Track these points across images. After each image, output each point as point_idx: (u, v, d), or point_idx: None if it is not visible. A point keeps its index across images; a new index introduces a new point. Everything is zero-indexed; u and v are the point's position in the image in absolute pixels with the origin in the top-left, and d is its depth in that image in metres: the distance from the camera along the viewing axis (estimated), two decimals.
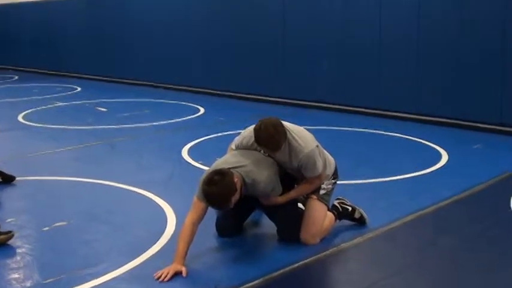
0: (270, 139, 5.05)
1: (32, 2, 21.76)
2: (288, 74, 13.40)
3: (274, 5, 13.47)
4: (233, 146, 5.55)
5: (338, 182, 5.77)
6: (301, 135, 5.26)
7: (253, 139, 5.25)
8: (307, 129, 5.51)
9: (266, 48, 13.76)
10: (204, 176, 4.99)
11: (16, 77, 20.45)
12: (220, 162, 5.22)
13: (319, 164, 5.25)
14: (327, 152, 5.63)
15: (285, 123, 5.27)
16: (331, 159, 5.63)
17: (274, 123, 5.11)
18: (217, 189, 4.77)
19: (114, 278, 4.71)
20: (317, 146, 5.30)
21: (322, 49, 12.65)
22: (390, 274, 4.85)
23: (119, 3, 17.96)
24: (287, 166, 5.29)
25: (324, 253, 5.21)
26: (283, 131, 5.11)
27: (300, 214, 5.44)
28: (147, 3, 16.94)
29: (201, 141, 9.71)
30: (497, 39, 10.11)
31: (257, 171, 5.08)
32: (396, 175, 7.55)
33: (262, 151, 5.30)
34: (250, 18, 14.10)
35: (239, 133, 5.55)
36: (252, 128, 5.26)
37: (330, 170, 5.55)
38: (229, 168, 5.01)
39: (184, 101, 14.12)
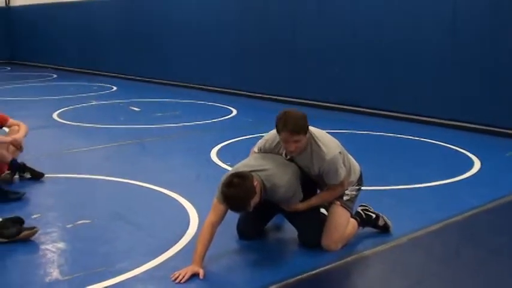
0: (294, 120, 4.99)
1: (72, 3, 21.99)
2: (320, 76, 13.33)
3: (309, 5, 13.41)
4: (256, 149, 5.52)
5: (363, 188, 5.71)
6: (324, 140, 5.21)
7: (276, 141, 5.23)
8: (336, 133, 5.46)
9: (300, 50, 13.71)
10: (223, 178, 4.98)
11: (55, 76, 20.68)
12: (241, 165, 5.20)
13: (342, 171, 5.19)
14: (352, 157, 5.58)
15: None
16: (356, 165, 5.57)
17: (300, 112, 5.10)
18: (236, 191, 4.76)
19: (131, 277, 4.72)
20: (340, 152, 5.24)
21: (356, 51, 12.57)
22: (411, 284, 4.80)
23: (156, 6, 18.05)
24: (309, 171, 5.25)
25: (345, 260, 5.16)
26: (307, 121, 5.05)
27: (322, 219, 5.40)
28: (183, 6, 17.00)
29: (231, 142, 9.70)
30: None
31: (278, 175, 5.05)
32: (424, 182, 7.45)
33: (284, 154, 5.26)
34: (283, 19, 14.05)
35: None
36: (274, 131, 5.22)
37: (355, 177, 5.49)
38: (250, 171, 4.99)
39: (217, 102, 14.13)
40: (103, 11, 20.27)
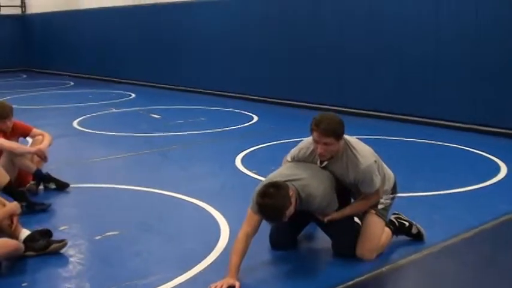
0: (328, 121, 4.96)
1: (89, 10, 22.01)
2: (341, 82, 13.26)
3: (330, 13, 13.35)
4: (289, 157, 5.43)
5: None
6: (359, 148, 5.13)
7: (310, 150, 5.16)
8: (361, 139, 5.38)
9: (322, 57, 13.63)
10: (258, 188, 4.89)
11: (72, 83, 20.69)
12: (275, 175, 5.11)
13: (377, 180, 5.11)
14: (386, 166, 5.49)
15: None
16: (390, 173, 5.48)
17: (337, 117, 5.07)
18: (271, 202, 4.67)
19: None
20: (375, 161, 5.15)
21: (377, 56, 12.48)
22: None
23: (175, 13, 18.02)
24: (344, 179, 5.16)
25: (380, 270, 5.07)
26: (342, 127, 5.00)
27: (357, 228, 5.31)
28: (202, 12, 16.97)
29: (255, 149, 9.62)
30: None
31: (313, 185, 4.97)
32: (453, 188, 7.35)
33: (318, 162, 5.18)
34: (306, 26, 13.98)
35: (293, 141, 5.45)
36: (310, 139, 5.15)
37: (389, 185, 5.40)
38: (285, 181, 4.90)
39: (238, 109, 14.06)
40: (120, 18, 20.27)
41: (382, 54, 12.43)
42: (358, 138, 5.37)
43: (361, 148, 5.16)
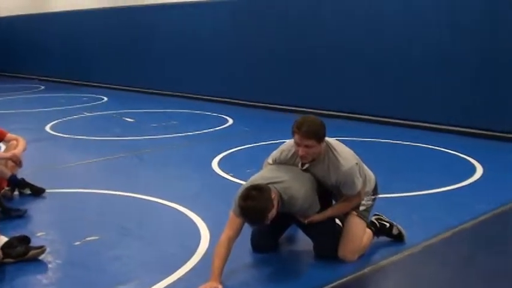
0: (310, 124, 4.95)
1: (59, 12, 21.80)
2: (315, 84, 13.27)
3: (304, 13, 13.37)
4: (270, 160, 5.41)
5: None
6: (341, 151, 5.13)
7: (292, 152, 5.14)
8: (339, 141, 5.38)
9: (293, 58, 13.64)
10: (240, 190, 4.87)
11: (42, 87, 20.50)
12: (257, 178, 5.09)
13: (358, 182, 5.11)
14: (367, 167, 5.49)
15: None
16: (371, 175, 5.49)
17: (319, 119, 5.06)
18: (254, 204, 4.65)
19: None
20: (357, 163, 5.15)
21: (352, 58, 12.51)
22: None
23: (145, 15, 17.92)
24: (325, 182, 5.16)
25: (362, 271, 5.07)
26: (323, 130, 5.00)
27: (338, 230, 5.31)
28: (173, 15, 16.91)
29: (231, 152, 9.59)
30: None
31: (295, 187, 4.95)
32: (431, 189, 7.39)
33: (300, 165, 5.17)
34: (280, 28, 13.97)
35: (269, 144, 5.42)
36: (291, 141, 5.14)
37: (370, 186, 5.41)
38: (267, 183, 4.89)
39: (212, 112, 14.02)
40: (90, 21, 20.09)
41: (356, 57, 12.46)
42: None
43: (343, 150, 5.16)
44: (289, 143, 5.24)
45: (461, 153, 9.26)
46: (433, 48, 11.21)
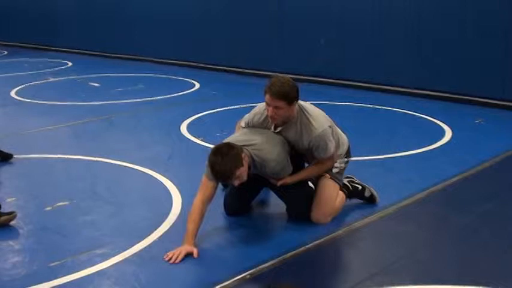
0: (281, 84, 4.89)
1: None
2: (284, 47, 13.20)
3: None
4: (243, 123, 5.38)
5: None
6: (314, 114, 5.10)
7: (264, 115, 5.11)
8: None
9: (261, 20, 13.54)
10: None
11: (5, 52, 20.12)
12: (229, 140, 5.06)
13: (331, 145, 5.10)
14: (340, 130, 5.49)
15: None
16: (344, 137, 5.49)
17: (291, 81, 5.00)
18: (222, 159, 4.64)
19: (122, 260, 4.58)
20: (330, 126, 5.14)
21: (321, 22, 12.45)
22: (404, 254, 4.74)
23: None
24: (298, 145, 5.14)
25: (336, 233, 5.10)
26: (295, 92, 4.94)
27: (311, 192, 5.31)
28: None
29: (200, 116, 9.54)
30: (501, 13, 9.96)
31: (267, 150, 4.94)
32: (401, 151, 7.45)
33: (272, 128, 5.15)
34: None
35: (237, 108, 5.37)
36: (263, 104, 5.10)
37: (343, 149, 5.42)
38: (239, 146, 4.86)
39: (178, 76, 13.89)
40: None
41: (326, 22, 12.40)
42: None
43: (316, 113, 5.14)
44: (261, 106, 5.19)
45: (430, 117, 9.32)
46: (399, 13, 11.19)
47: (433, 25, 10.81)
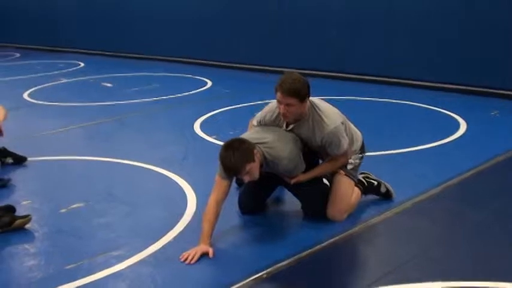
0: (292, 81, 4.86)
1: None
2: (293, 44, 13.15)
3: None
4: (255, 122, 5.36)
5: None
6: (326, 110, 5.07)
7: (276, 113, 5.08)
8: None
9: (271, 18, 13.51)
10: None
11: (17, 55, 20.18)
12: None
13: (344, 142, 5.07)
14: (354, 126, 5.46)
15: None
16: (358, 133, 5.46)
17: (302, 77, 4.96)
18: (233, 154, 4.63)
19: (139, 261, 4.57)
20: (342, 122, 5.11)
21: (327, 16, 12.41)
22: (421, 251, 4.71)
23: None
24: (311, 142, 5.11)
25: (352, 230, 5.08)
26: (306, 88, 4.91)
27: (326, 190, 5.29)
28: None
29: (213, 114, 9.52)
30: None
31: (279, 147, 4.91)
32: (415, 146, 7.40)
33: (284, 126, 5.12)
34: None
35: (250, 105, 5.34)
36: (274, 102, 5.07)
37: (357, 145, 5.38)
38: None
39: (189, 74, 13.87)
40: None
41: (332, 16, 12.36)
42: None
43: (328, 110, 5.10)
44: (273, 104, 5.16)
45: (443, 109, 9.26)
46: (412, 4, 11.14)
47: (446, 17, 10.73)
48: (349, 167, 5.29)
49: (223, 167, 4.74)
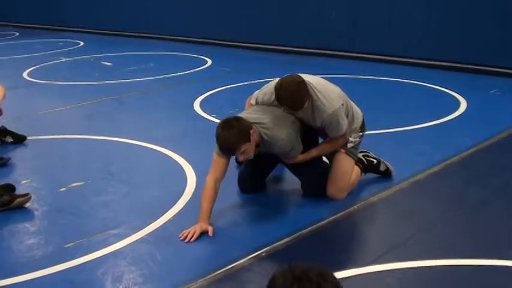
0: (292, 98, 4.84)
1: None
2: (291, 20, 13.08)
3: None
4: (253, 101, 5.32)
5: None
6: (325, 92, 5.01)
7: (274, 95, 5.04)
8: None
9: None
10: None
11: (17, 34, 20.08)
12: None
13: (344, 123, 5.04)
14: (355, 104, 5.42)
15: (308, 77, 5.06)
16: (358, 111, 5.41)
17: (296, 80, 4.88)
18: (229, 132, 4.61)
19: (138, 239, 4.57)
20: (342, 104, 5.05)
21: None
22: (422, 229, 4.72)
23: None
24: (310, 124, 5.09)
25: (353, 207, 5.07)
26: (305, 88, 4.87)
27: (326, 168, 5.28)
28: None
29: (213, 93, 9.48)
30: None
31: (276, 129, 4.88)
32: (416, 124, 7.38)
33: (283, 108, 5.09)
34: None
35: (250, 84, 5.30)
36: (273, 83, 5.04)
37: (357, 123, 5.34)
38: None
39: (190, 53, 13.81)
40: None
41: None
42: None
43: (327, 92, 5.05)
44: (271, 84, 5.12)
45: (443, 87, 9.22)
46: None
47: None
48: (349, 145, 5.27)
49: (219, 145, 4.73)
